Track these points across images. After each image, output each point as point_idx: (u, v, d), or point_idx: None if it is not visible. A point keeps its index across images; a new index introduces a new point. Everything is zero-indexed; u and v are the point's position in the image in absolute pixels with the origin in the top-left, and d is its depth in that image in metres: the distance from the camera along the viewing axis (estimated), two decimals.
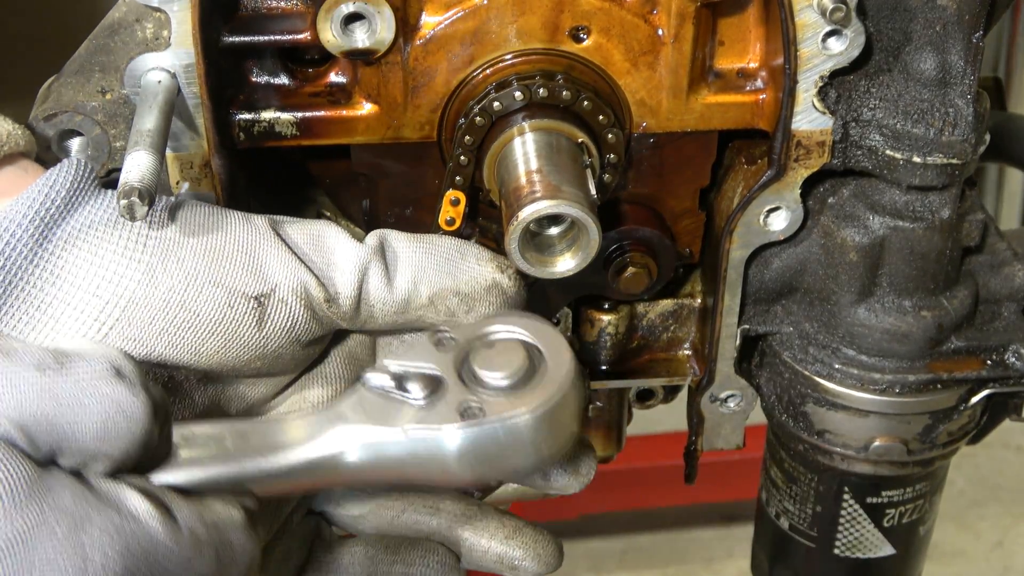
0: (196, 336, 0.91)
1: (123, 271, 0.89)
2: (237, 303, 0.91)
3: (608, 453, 1.31)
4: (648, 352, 1.24)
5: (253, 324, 0.92)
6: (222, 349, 0.92)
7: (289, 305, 0.93)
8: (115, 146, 1.02)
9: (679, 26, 1.02)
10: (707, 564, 3.44)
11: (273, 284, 0.92)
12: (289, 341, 0.94)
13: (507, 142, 1.01)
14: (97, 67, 0.99)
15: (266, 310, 0.92)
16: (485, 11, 1.01)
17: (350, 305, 0.95)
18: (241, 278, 0.92)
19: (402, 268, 0.96)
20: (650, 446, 3.04)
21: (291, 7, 1.03)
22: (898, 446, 1.17)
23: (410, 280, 0.96)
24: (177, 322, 0.90)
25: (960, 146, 1.05)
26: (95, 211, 0.90)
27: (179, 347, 0.91)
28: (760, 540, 1.34)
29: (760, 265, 1.15)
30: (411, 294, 0.96)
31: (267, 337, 0.93)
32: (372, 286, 0.95)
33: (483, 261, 0.98)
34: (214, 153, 1.02)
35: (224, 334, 0.92)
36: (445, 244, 0.98)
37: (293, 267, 0.93)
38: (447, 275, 0.96)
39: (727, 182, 1.14)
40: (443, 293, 0.96)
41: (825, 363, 1.16)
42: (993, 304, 1.18)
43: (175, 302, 0.90)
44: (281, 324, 0.93)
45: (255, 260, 0.92)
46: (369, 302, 0.95)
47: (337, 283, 0.94)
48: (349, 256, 0.95)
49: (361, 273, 0.95)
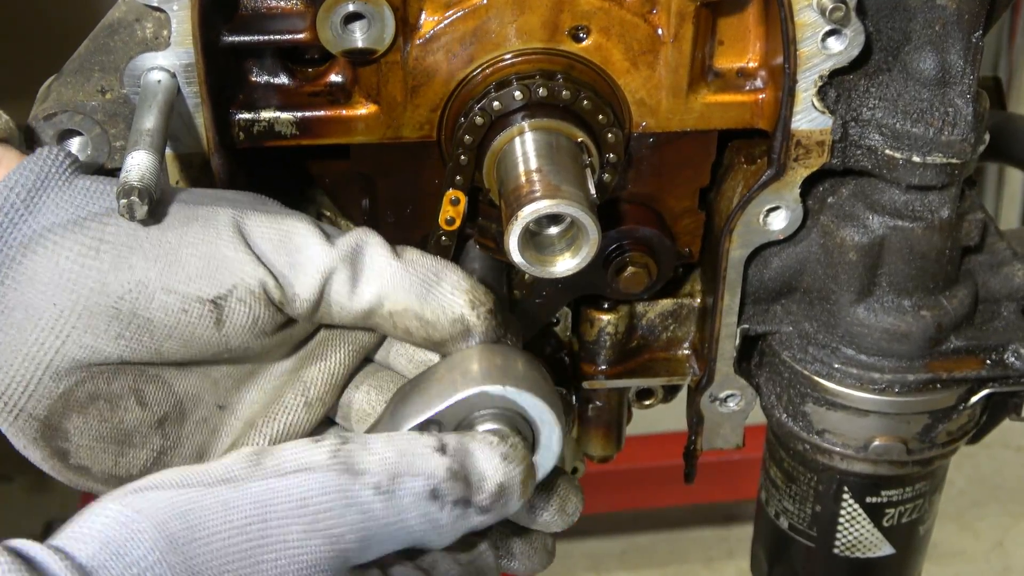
0: (153, 339, 0.91)
1: (77, 278, 0.89)
2: (192, 307, 0.91)
3: (608, 453, 1.31)
4: (648, 352, 1.24)
5: (211, 326, 0.92)
6: (182, 348, 0.92)
7: (247, 304, 0.92)
8: (115, 146, 1.02)
9: (679, 26, 1.02)
10: (707, 564, 3.44)
11: (229, 286, 0.92)
12: (253, 336, 0.94)
13: (507, 141, 1.01)
14: (97, 67, 0.99)
15: (223, 312, 0.92)
16: (485, 11, 1.01)
17: (307, 308, 0.94)
18: (194, 283, 0.91)
19: (370, 279, 0.95)
20: (650, 446, 3.05)
21: (291, 7, 1.03)
22: (897, 446, 1.17)
23: (375, 293, 0.95)
24: (132, 328, 0.90)
25: (959, 146, 1.05)
26: (55, 212, 0.90)
27: (138, 351, 0.91)
28: (760, 540, 1.34)
29: (760, 265, 1.15)
30: (373, 306, 0.95)
31: (228, 336, 0.93)
32: (334, 291, 0.94)
33: (457, 292, 0.95)
34: (214, 153, 1.03)
35: (181, 336, 0.92)
36: (425, 265, 0.96)
37: (251, 268, 0.92)
38: (415, 297, 0.95)
39: (727, 182, 1.14)
40: (406, 314, 0.95)
41: (825, 363, 1.16)
42: (992, 304, 1.18)
43: (127, 310, 0.90)
44: (241, 323, 0.93)
45: (210, 263, 0.92)
46: (328, 304, 0.95)
47: (296, 285, 0.94)
48: (315, 259, 0.94)
49: (324, 277, 0.94)
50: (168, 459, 0.97)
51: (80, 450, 0.94)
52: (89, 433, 0.94)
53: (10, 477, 3.63)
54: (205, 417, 0.98)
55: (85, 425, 0.94)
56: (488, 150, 1.02)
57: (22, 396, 0.91)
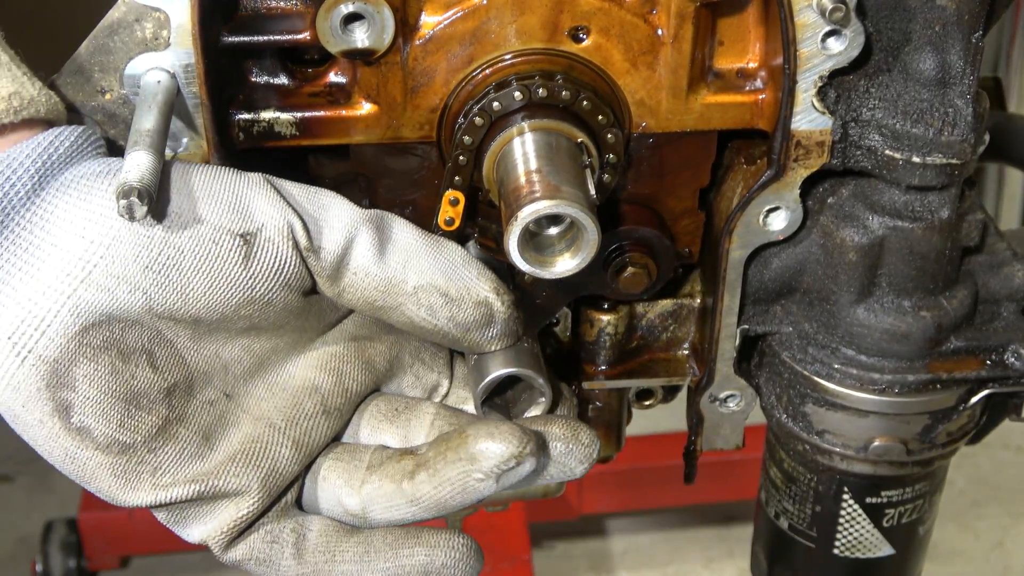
0: (181, 274, 0.91)
1: (109, 212, 0.90)
2: (222, 239, 0.92)
3: (608, 453, 1.31)
4: (647, 352, 1.24)
5: (239, 261, 0.92)
6: (209, 289, 0.92)
7: (276, 244, 0.93)
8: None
9: (679, 26, 1.02)
10: (707, 564, 3.44)
11: (260, 223, 0.93)
12: (279, 285, 0.94)
13: (506, 142, 1.01)
14: (97, 67, 0.99)
15: (252, 248, 0.92)
16: (484, 11, 1.01)
17: (331, 262, 0.94)
18: (226, 215, 0.92)
19: (396, 248, 0.96)
20: (650, 446, 3.05)
21: (291, 7, 1.03)
22: (897, 446, 1.17)
23: (400, 261, 0.95)
24: (161, 258, 0.91)
25: (959, 146, 1.05)
26: (91, 166, 0.92)
27: (164, 285, 0.91)
28: (760, 540, 1.34)
29: (759, 265, 1.15)
30: (397, 275, 0.95)
31: (254, 276, 0.93)
32: (359, 252, 0.95)
33: (484, 278, 0.97)
34: (213, 153, 1.03)
35: (209, 271, 0.92)
36: (452, 248, 0.98)
37: (281, 209, 0.93)
38: (440, 273, 0.96)
39: (726, 182, 1.14)
40: (430, 288, 0.95)
41: (824, 363, 1.16)
42: (992, 304, 1.18)
43: (159, 238, 0.90)
44: (268, 263, 0.93)
45: (242, 200, 0.93)
46: (352, 268, 0.95)
47: (324, 235, 0.94)
48: (343, 215, 0.95)
49: (350, 234, 0.94)
50: (173, 431, 0.95)
51: (86, 404, 0.92)
52: (98, 383, 0.92)
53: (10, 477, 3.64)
54: (212, 400, 0.97)
55: (95, 374, 0.91)
56: (488, 150, 1.02)
57: (35, 332, 0.89)
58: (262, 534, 0.98)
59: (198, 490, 0.95)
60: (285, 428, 0.98)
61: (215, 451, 0.97)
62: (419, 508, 0.97)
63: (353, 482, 0.99)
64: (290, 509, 1.00)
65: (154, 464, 0.94)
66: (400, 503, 0.97)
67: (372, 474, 0.98)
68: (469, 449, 0.94)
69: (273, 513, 0.98)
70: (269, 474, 0.97)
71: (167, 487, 0.94)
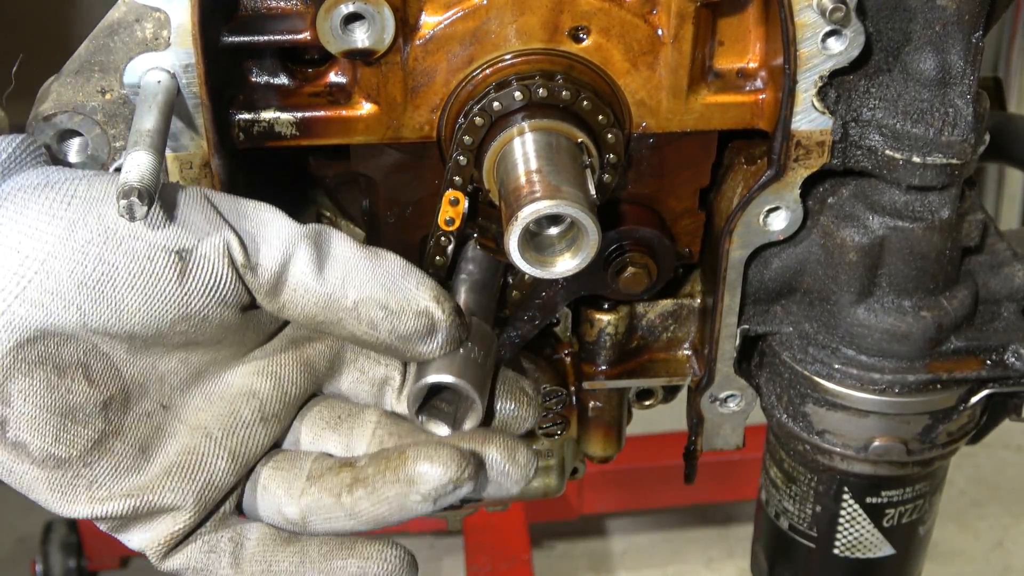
0: (116, 290, 0.91)
1: (44, 227, 0.90)
2: (157, 256, 0.91)
3: (608, 453, 1.31)
4: (648, 352, 1.24)
5: (174, 278, 0.91)
6: (144, 305, 0.91)
7: (211, 261, 0.92)
8: (115, 146, 1.02)
9: (679, 26, 1.02)
10: (707, 564, 3.44)
11: (195, 240, 0.92)
12: (214, 302, 0.93)
13: (507, 142, 1.01)
14: (97, 67, 0.99)
15: (187, 265, 0.92)
16: (485, 11, 1.01)
17: (268, 279, 0.94)
18: (161, 231, 0.91)
19: (335, 263, 0.95)
20: (650, 446, 3.04)
21: (291, 7, 1.03)
22: (898, 446, 1.17)
23: (339, 276, 0.95)
24: (96, 275, 0.90)
25: (960, 146, 1.05)
26: (28, 177, 0.92)
27: (99, 301, 0.90)
28: (760, 540, 1.34)
29: (760, 265, 1.15)
30: (336, 291, 0.94)
31: (189, 293, 0.92)
32: (297, 269, 0.94)
33: (423, 288, 0.96)
34: (214, 153, 1.03)
35: (144, 288, 0.91)
36: (391, 260, 0.97)
37: (217, 225, 0.93)
38: (380, 285, 0.95)
39: (727, 182, 1.14)
40: (369, 301, 0.95)
41: (825, 363, 1.16)
42: (993, 304, 1.18)
43: (93, 254, 0.90)
44: (203, 280, 0.92)
45: (179, 217, 0.92)
46: (291, 285, 0.94)
47: (261, 252, 0.94)
48: (281, 232, 0.94)
49: (288, 251, 0.94)
50: (110, 445, 0.95)
51: (21, 419, 0.91)
52: (33, 399, 0.91)
53: None
54: (149, 412, 0.97)
55: (30, 389, 0.91)
56: (488, 150, 1.02)
57: None
58: (199, 544, 0.98)
59: (133, 504, 0.95)
60: (222, 439, 0.98)
61: (151, 463, 0.96)
62: (357, 522, 0.98)
63: (293, 491, 0.99)
64: (228, 518, 1.00)
65: (90, 478, 0.95)
66: (339, 515, 0.98)
67: (312, 485, 0.99)
68: (408, 470, 0.94)
69: (211, 523, 0.98)
70: (205, 487, 0.97)
71: (103, 501, 0.95)
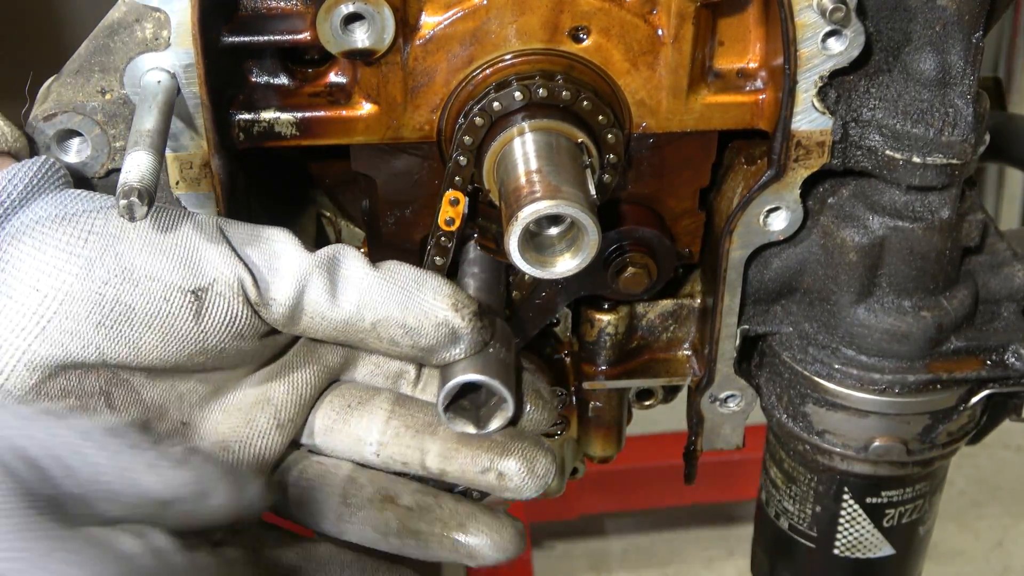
0: (133, 330, 0.91)
1: (63, 265, 0.90)
2: (173, 296, 0.92)
3: (608, 453, 1.31)
4: (648, 352, 1.24)
5: (190, 318, 0.92)
6: (161, 343, 0.92)
7: (227, 299, 0.93)
8: (115, 146, 1.02)
9: (679, 26, 1.02)
10: (707, 564, 3.45)
11: (211, 279, 0.93)
12: (230, 336, 0.94)
13: (507, 142, 1.01)
14: (97, 67, 0.99)
15: (203, 304, 0.92)
16: (485, 11, 1.01)
17: (283, 313, 0.94)
18: (177, 271, 0.92)
19: (348, 288, 0.95)
20: (650, 446, 3.04)
21: (291, 7, 1.03)
22: (898, 446, 1.17)
23: (354, 301, 0.95)
24: (113, 315, 0.91)
25: (960, 146, 1.05)
26: (46, 207, 0.92)
27: (117, 340, 0.91)
28: (760, 540, 1.34)
29: (760, 265, 1.15)
30: (352, 316, 0.95)
31: (205, 332, 0.93)
32: (311, 299, 0.95)
33: (440, 296, 0.96)
34: (214, 153, 1.03)
35: (161, 328, 0.92)
36: (404, 273, 0.97)
37: (232, 264, 0.93)
38: (396, 305, 0.95)
39: (727, 182, 1.14)
40: (387, 321, 0.95)
41: (825, 363, 1.16)
42: (993, 304, 1.18)
43: (110, 296, 0.91)
44: (219, 319, 0.93)
45: (193, 255, 0.93)
46: (308, 314, 0.95)
47: (273, 288, 0.94)
48: (292, 264, 0.95)
49: (301, 282, 0.94)
50: None
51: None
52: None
53: None
54: (169, 432, 0.98)
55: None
56: (488, 151, 1.02)
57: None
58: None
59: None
60: (239, 451, 0.99)
61: None
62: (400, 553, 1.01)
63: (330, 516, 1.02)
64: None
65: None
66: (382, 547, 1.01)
67: (353, 516, 1.01)
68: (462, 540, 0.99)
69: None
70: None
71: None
